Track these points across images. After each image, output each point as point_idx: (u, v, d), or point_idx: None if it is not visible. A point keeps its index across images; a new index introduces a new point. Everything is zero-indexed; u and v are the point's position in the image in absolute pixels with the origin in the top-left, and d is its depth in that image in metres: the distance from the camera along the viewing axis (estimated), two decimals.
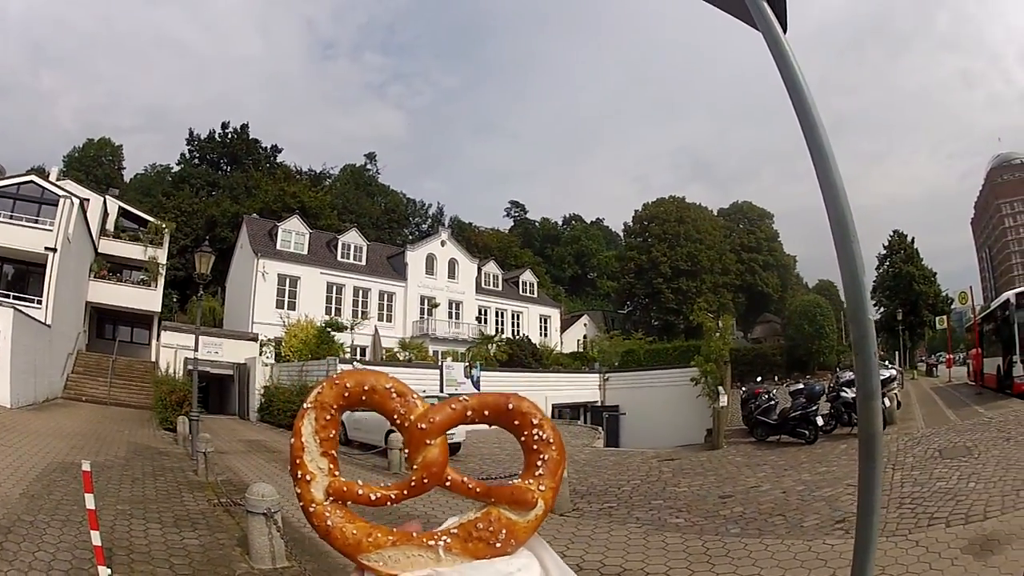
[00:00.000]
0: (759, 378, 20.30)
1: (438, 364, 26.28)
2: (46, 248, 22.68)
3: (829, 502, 7.82)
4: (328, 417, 0.63)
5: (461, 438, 15.15)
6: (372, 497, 0.63)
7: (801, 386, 14.66)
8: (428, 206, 77.65)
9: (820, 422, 13.07)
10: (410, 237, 59.75)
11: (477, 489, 0.64)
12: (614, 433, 25.79)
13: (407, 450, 0.65)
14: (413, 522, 0.64)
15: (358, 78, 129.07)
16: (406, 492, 0.64)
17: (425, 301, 38.59)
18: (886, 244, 46.53)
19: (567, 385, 29.39)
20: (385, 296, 37.68)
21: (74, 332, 26.07)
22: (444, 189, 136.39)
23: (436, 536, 0.61)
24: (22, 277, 23.97)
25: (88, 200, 28.69)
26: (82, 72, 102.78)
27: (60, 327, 22.86)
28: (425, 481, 0.63)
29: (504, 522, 0.61)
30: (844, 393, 13.36)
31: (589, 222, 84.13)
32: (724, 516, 7.82)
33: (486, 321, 41.49)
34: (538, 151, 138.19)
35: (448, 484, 0.64)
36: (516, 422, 0.64)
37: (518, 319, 44.45)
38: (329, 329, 27.61)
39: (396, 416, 0.64)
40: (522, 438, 0.65)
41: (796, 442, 13.18)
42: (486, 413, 0.65)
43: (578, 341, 48.80)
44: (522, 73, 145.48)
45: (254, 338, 29.67)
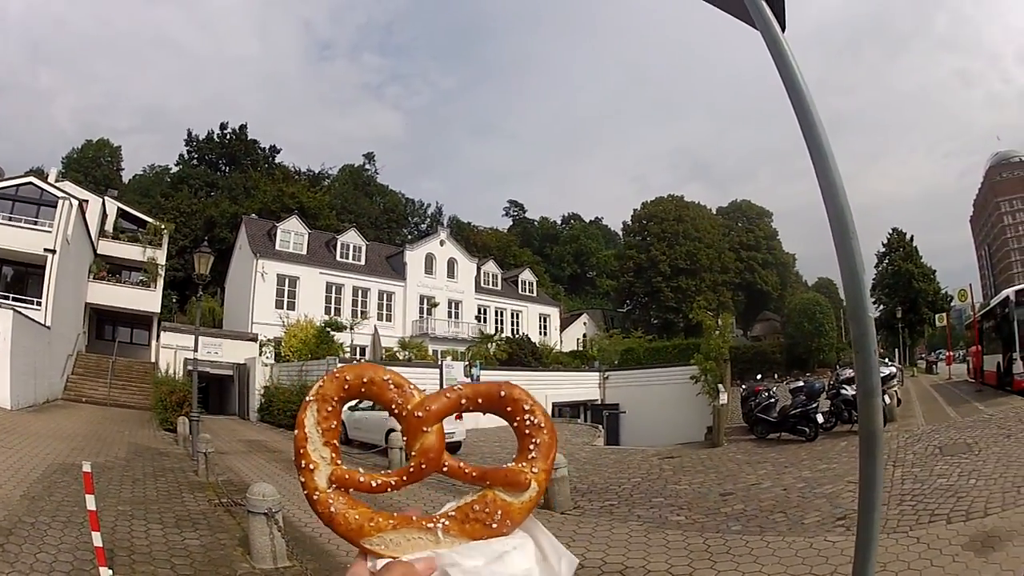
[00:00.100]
0: (759, 376, 20.27)
1: (438, 363, 26.27)
2: (45, 249, 22.68)
3: (830, 499, 7.82)
4: (330, 409, 0.66)
5: (461, 436, 15.15)
6: (373, 484, 0.66)
7: (801, 384, 14.64)
8: (427, 206, 77.84)
9: (820, 419, 13.05)
10: (409, 237, 59.74)
11: (473, 473, 0.67)
12: (614, 431, 25.80)
13: (405, 438, 0.68)
14: (413, 508, 0.67)
15: (356, 79, 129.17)
16: (405, 478, 0.67)
17: (424, 301, 38.60)
18: (885, 242, 46.56)
19: (567, 384, 29.37)
20: (384, 296, 37.68)
21: (74, 333, 26.06)
22: (443, 189, 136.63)
23: (435, 519, 0.64)
24: (21, 279, 23.96)
25: (87, 201, 28.69)
26: (80, 72, 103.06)
27: (60, 328, 22.85)
28: (423, 467, 0.66)
29: (500, 504, 0.64)
30: (844, 390, 13.36)
31: (588, 221, 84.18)
32: (725, 513, 7.82)
33: (485, 320, 41.52)
34: (536, 151, 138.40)
35: (445, 469, 0.67)
36: (508, 408, 0.67)
37: (517, 318, 44.47)
38: (328, 329, 27.63)
39: (394, 406, 0.67)
40: (514, 424, 0.68)
41: (796, 439, 13.17)
42: (480, 401, 0.67)
43: (578, 340, 48.84)
44: (520, 73, 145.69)
45: (254, 338, 29.69)
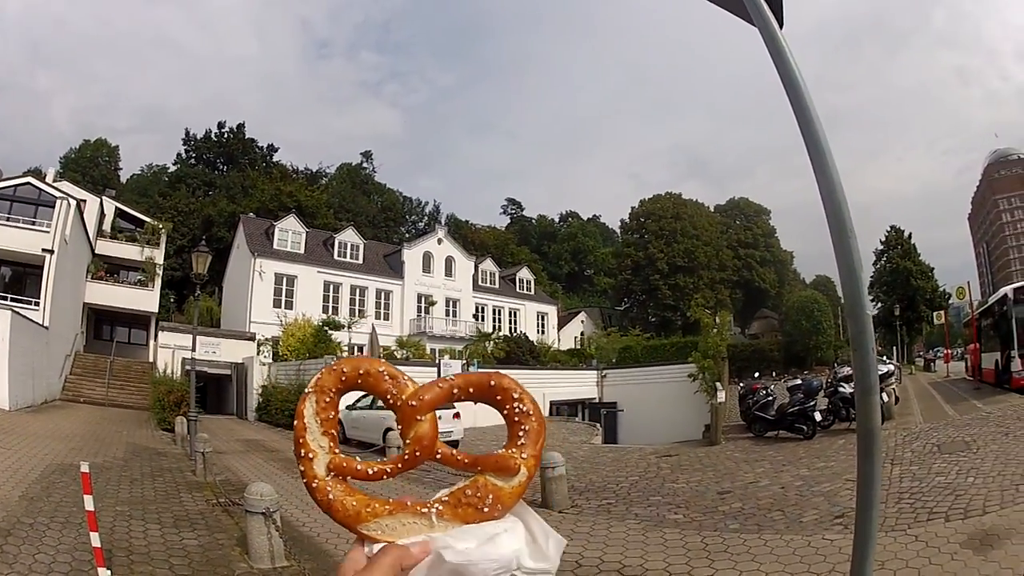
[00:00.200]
0: (757, 374, 20.28)
1: (435, 362, 26.28)
2: (43, 250, 22.64)
3: (828, 497, 7.82)
4: (328, 399, 0.69)
5: (460, 435, 15.18)
6: (369, 471, 0.69)
7: (799, 381, 14.67)
8: (424, 204, 77.82)
9: (818, 417, 13.07)
10: (407, 235, 59.75)
11: (465, 460, 0.69)
12: (612, 430, 25.87)
13: (400, 427, 0.70)
14: (408, 494, 0.69)
15: (354, 77, 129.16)
16: (400, 465, 0.69)
17: (422, 299, 38.56)
18: (883, 239, 46.50)
19: (565, 382, 29.39)
20: (382, 294, 37.65)
21: (72, 333, 26.00)
22: (440, 187, 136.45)
23: (429, 504, 0.66)
24: (19, 279, 23.92)
25: (85, 201, 28.62)
26: (79, 72, 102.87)
27: (58, 328, 22.81)
28: (417, 454, 0.69)
29: (491, 488, 0.67)
30: (842, 388, 13.38)
31: (586, 219, 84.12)
32: (723, 512, 7.82)
33: (483, 319, 41.49)
34: (534, 149, 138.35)
35: (439, 457, 0.69)
36: (498, 397, 0.70)
37: (515, 316, 44.46)
38: (326, 328, 27.62)
39: (388, 396, 0.70)
40: (504, 411, 0.70)
41: (794, 437, 13.19)
42: (471, 390, 0.70)
43: (575, 338, 48.84)
44: (518, 71, 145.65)
45: (251, 338, 29.67)
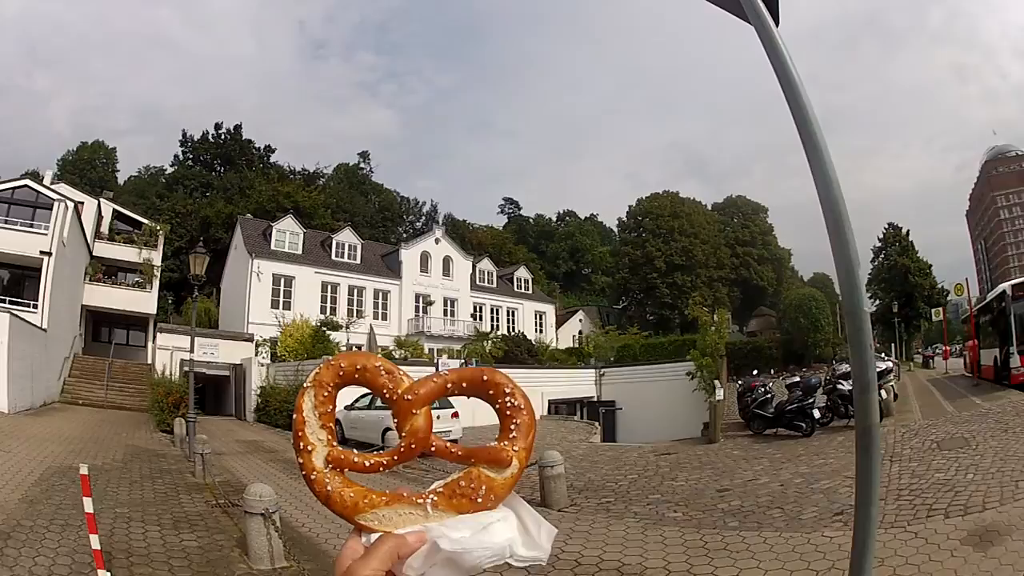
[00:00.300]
0: (755, 371, 20.27)
1: (434, 362, 26.28)
2: (41, 252, 22.61)
3: (827, 494, 7.83)
4: (326, 394, 0.71)
5: (458, 435, 15.18)
6: (367, 464, 0.71)
7: (797, 379, 14.68)
8: (422, 204, 77.64)
9: (817, 415, 13.09)
10: (404, 235, 59.69)
11: (459, 452, 0.72)
12: (611, 428, 25.84)
13: (396, 420, 0.72)
14: (404, 486, 0.71)
15: (351, 77, 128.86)
16: (396, 458, 0.71)
17: (420, 299, 38.56)
18: (881, 237, 46.52)
19: (563, 381, 29.36)
20: (380, 294, 37.63)
21: (70, 336, 25.95)
22: (438, 187, 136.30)
23: (424, 495, 0.68)
24: (17, 281, 23.88)
25: (82, 203, 28.52)
26: (77, 73, 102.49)
27: (56, 331, 22.77)
28: (413, 447, 0.71)
29: (484, 480, 0.69)
30: (841, 385, 13.39)
31: (583, 218, 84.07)
32: (722, 510, 7.83)
33: (481, 318, 41.52)
34: (531, 148, 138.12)
35: (433, 449, 0.72)
36: (491, 391, 0.72)
37: (513, 316, 44.45)
38: (324, 328, 27.64)
39: (385, 391, 0.72)
40: (496, 405, 0.72)
41: (793, 435, 13.21)
42: (464, 385, 0.72)
43: (573, 337, 48.86)
44: (515, 71, 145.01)
45: (250, 338, 29.64)
